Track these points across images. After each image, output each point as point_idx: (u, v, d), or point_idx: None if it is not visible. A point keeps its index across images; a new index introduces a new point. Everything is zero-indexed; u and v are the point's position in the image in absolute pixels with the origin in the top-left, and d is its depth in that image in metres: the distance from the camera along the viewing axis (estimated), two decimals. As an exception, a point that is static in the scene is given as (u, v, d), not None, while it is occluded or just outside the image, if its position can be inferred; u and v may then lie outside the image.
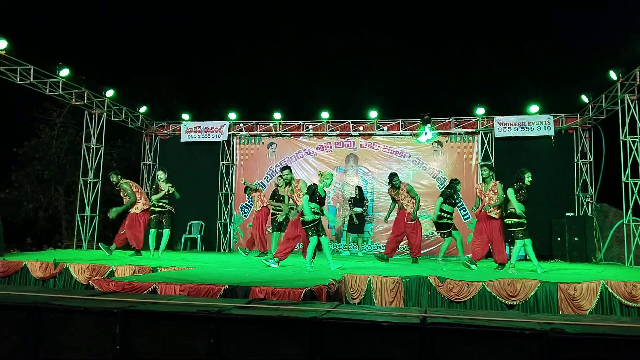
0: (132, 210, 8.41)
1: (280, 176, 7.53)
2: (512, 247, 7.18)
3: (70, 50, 17.48)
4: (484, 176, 7.36)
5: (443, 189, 9.00)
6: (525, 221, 6.82)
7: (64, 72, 9.89)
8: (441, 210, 8.14)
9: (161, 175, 8.57)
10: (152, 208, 8.47)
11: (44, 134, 16.32)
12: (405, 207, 8.26)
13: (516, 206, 6.73)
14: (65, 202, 16.49)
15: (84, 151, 11.35)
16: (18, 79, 9.49)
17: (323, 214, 6.88)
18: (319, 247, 6.84)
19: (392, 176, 8.53)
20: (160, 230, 8.56)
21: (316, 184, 6.78)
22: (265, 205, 9.48)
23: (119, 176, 8.43)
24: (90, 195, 11.10)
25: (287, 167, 7.37)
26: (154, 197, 8.51)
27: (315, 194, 6.68)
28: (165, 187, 8.46)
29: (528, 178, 6.83)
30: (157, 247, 8.56)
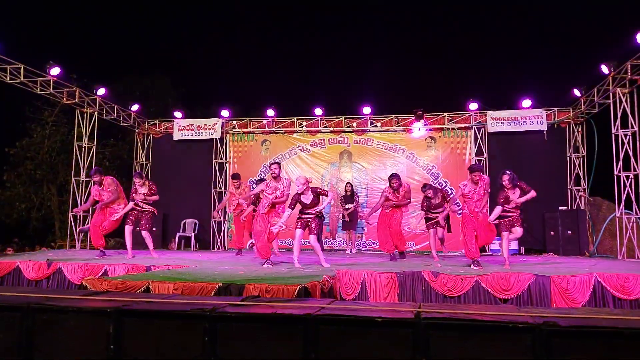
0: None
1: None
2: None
3: (62, 48, 17.38)
4: (476, 182, 6.99)
5: None
6: (509, 214, 6.87)
7: (55, 71, 9.81)
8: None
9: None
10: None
11: (36, 134, 16.22)
12: (399, 205, 8.18)
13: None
14: (58, 202, 16.41)
15: (75, 150, 11.28)
16: (8, 78, 9.41)
17: (319, 215, 6.90)
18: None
19: (392, 177, 8.07)
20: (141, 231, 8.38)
21: (298, 193, 6.75)
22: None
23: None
24: (83, 194, 11.03)
25: (276, 163, 7.26)
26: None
27: (299, 202, 6.74)
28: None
29: (504, 181, 6.78)
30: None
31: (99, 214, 8.34)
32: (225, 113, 12.28)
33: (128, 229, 8.09)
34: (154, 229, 9.77)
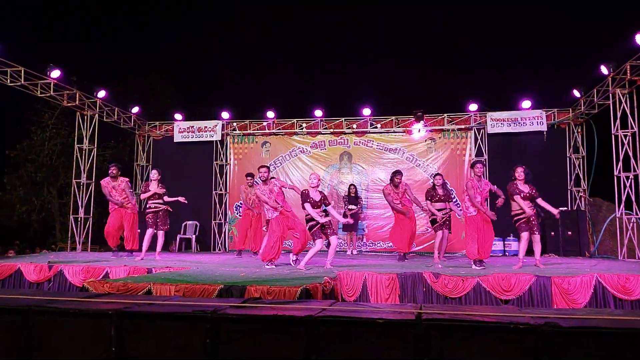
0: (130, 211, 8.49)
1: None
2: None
3: (62, 51, 17.40)
4: (480, 174, 7.22)
5: None
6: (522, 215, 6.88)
7: (55, 73, 9.83)
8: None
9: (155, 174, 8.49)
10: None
11: (36, 136, 16.24)
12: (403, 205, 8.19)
13: (522, 205, 6.80)
14: (59, 204, 16.42)
15: (76, 153, 11.29)
16: (9, 81, 9.42)
17: (326, 214, 6.92)
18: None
19: (395, 173, 8.27)
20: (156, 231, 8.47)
21: (307, 189, 6.83)
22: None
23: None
24: (84, 196, 11.05)
25: (265, 167, 7.26)
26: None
27: (308, 199, 6.74)
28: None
29: (517, 173, 6.87)
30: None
31: (115, 217, 8.47)
32: (225, 115, 12.29)
33: (149, 232, 8.16)
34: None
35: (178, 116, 12.65)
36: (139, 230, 8.84)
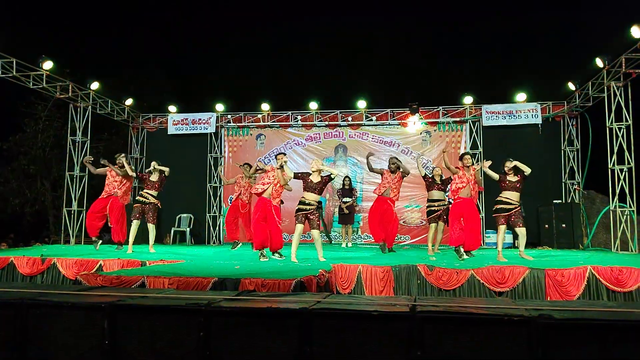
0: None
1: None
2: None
3: (55, 42, 17.19)
4: (469, 164, 7.26)
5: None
6: (502, 207, 6.93)
7: (48, 65, 9.73)
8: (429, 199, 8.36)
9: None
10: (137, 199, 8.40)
11: (29, 128, 16.11)
12: (390, 194, 8.15)
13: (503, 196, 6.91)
14: (52, 197, 16.33)
15: (69, 145, 11.21)
16: (0, 72, 9.32)
17: (319, 207, 6.94)
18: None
19: (391, 159, 8.29)
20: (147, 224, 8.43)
21: (309, 172, 6.92)
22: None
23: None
24: (77, 189, 10.98)
25: (283, 153, 7.28)
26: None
27: (305, 179, 6.88)
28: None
29: (507, 166, 6.94)
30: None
31: (100, 202, 8.48)
32: (220, 107, 12.23)
33: (135, 223, 8.13)
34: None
35: (172, 108, 12.57)
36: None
